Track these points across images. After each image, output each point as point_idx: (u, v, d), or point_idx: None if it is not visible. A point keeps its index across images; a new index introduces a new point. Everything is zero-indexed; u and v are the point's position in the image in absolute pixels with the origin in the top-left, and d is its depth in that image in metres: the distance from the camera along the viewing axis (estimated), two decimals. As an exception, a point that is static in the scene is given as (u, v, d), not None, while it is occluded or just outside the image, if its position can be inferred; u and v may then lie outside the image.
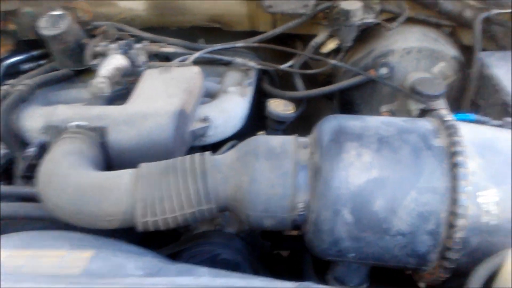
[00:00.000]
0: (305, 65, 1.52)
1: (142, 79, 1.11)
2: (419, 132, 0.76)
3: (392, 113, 1.27)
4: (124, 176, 0.81)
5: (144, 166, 0.82)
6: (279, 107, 1.24)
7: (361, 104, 1.39)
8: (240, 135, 1.16)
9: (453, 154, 0.71)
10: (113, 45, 1.21)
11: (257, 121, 1.31)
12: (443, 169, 0.71)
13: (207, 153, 0.84)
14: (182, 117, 1.00)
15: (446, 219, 0.71)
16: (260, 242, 1.14)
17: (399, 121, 0.80)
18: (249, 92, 1.29)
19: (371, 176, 0.72)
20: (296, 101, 1.50)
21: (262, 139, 0.83)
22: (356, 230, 0.73)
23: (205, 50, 1.29)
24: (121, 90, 1.11)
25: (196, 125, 1.09)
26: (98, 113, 0.97)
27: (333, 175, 0.73)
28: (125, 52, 1.20)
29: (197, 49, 1.32)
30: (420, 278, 0.82)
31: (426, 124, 0.79)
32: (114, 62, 1.12)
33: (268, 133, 1.28)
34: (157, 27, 1.46)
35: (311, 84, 1.47)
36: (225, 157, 0.84)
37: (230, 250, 0.98)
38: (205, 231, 1.03)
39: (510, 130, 0.85)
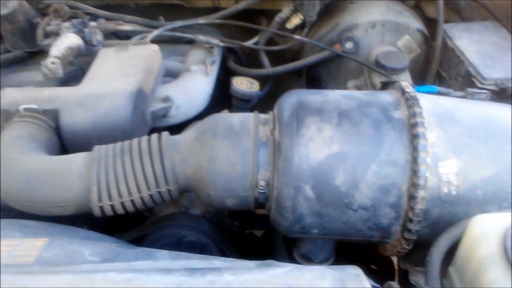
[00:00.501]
0: (271, 42, 1.49)
1: (97, 59, 1.05)
2: (380, 105, 0.75)
3: (359, 88, 1.26)
4: (76, 160, 0.77)
5: (98, 149, 0.78)
6: (243, 84, 1.21)
7: (328, 80, 1.38)
8: (206, 115, 1.13)
9: (413, 125, 0.70)
10: (66, 24, 1.15)
11: (223, 100, 1.28)
12: (403, 141, 0.71)
13: (165, 133, 0.81)
14: (140, 97, 0.96)
15: (407, 191, 0.70)
16: (228, 222, 1.12)
17: (359, 94, 0.79)
18: (213, 70, 1.25)
19: (332, 151, 0.71)
20: (263, 79, 1.48)
21: (221, 117, 0.80)
22: (318, 206, 0.72)
23: (165, 27, 1.24)
24: (75, 71, 1.05)
25: (156, 106, 1.05)
26: (49, 95, 0.92)
27: (293, 151, 0.71)
28: (79, 31, 1.14)
29: (156, 27, 1.26)
30: (385, 250, 0.82)
31: (386, 96, 0.77)
32: (66, 41, 1.06)
33: (234, 112, 1.25)
34: (114, 5, 1.39)
35: (279, 61, 1.44)
36: (183, 137, 0.81)
37: (196, 232, 0.96)
38: (170, 213, 1.01)
39: (471, 101, 0.85)
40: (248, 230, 1.34)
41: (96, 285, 0.57)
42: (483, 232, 0.62)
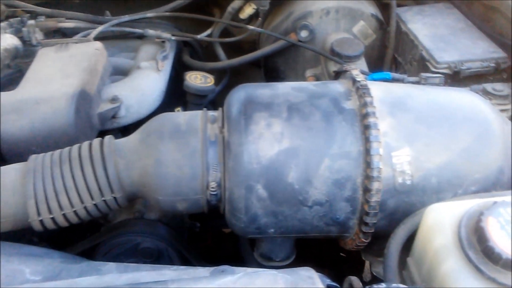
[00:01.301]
0: (227, 33, 1.45)
1: (36, 60, 0.98)
2: (331, 96, 0.72)
3: (317, 77, 1.24)
4: (9, 172, 0.71)
5: (33, 158, 0.72)
6: (197, 79, 1.16)
7: (285, 70, 1.35)
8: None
9: (364, 115, 0.68)
10: (2, 24, 1.07)
11: (179, 97, 1.23)
12: (355, 132, 0.68)
13: (107, 137, 0.76)
14: (83, 99, 0.90)
15: (362, 183, 0.68)
16: (187, 224, 1.08)
17: (310, 85, 0.76)
18: (165, 66, 1.19)
19: (283, 147, 0.68)
20: (221, 72, 1.44)
21: (166, 117, 0.75)
22: (272, 205, 0.69)
23: (110, 23, 1.18)
24: (13, 74, 0.99)
25: (104, 107, 0.99)
26: (-19, 102, 0.85)
27: (243, 150, 0.68)
28: (17, 30, 1.07)
29: (102, 23, 1.20)
30: (345, 244, 0.80)
31: (337, 86, 0.75)
32: (1, 43, 0.99)
33: (189, 109, 1.21)
34: (57, 1, 1.31)
35: (237, 53, 1.40)
36: (127, 140, 0.76)
37: (152, 237, 0.91)
38: (124, 220, 0.96)
39: (423, 86, 0.84)
40: (216, 228, 1.31)
41: (31, 309, 0.53)
42: (437, 222, 0.61)
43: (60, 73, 0.93)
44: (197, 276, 0.60)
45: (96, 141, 0.75)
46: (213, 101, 1.30)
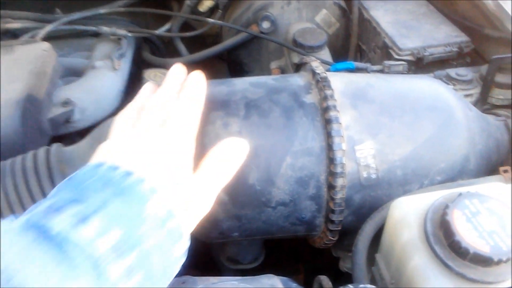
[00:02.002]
0: (188, 27, 1.39)
1: (-23, 65, 0.91)
2: (290, 90, 0.69)
3: (282, 69, 1.21)
4: None
5: (-29, 174, 0.67)
6: (156, 77, 1.11)
7: (250, 63, 1.31)
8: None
9: (325, 109, 0.65)
10: None
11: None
12: (316, 127, 0.65)
13: (55, 145, 0.71)
14: (30, 104, 0.84)
15: (326, 180, 0.65)
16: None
17: (269, 80, 0.72)
18: (122, 64, 1.14)
19: (241, 146, 0.64)
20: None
21: (117, 121, 0.71)
22: (234, 209, 0.66)
23: (60, 21, 1.11)
24: (-47, 81, 0.91)
25: (55, 111, 0.93)
26: None
27: (199, 152, 0.64)
28: (-43, 33, 0.99)
29: (52, 22, 1.13)
30: (314, 242, 0.77)
31: (297, 80, 0.72)
32: None
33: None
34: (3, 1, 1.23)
35: (201, 48, 1.35)
36: (77, 148, 0.71)
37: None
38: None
39: (386, 75, 0.81)
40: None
41: None
42: (403, 217, 0.59)
43: (4, 78, 0.86)
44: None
45: (42, 150, 0.69)
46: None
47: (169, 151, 0.48)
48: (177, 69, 0.62)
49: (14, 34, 1.15)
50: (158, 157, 0.46)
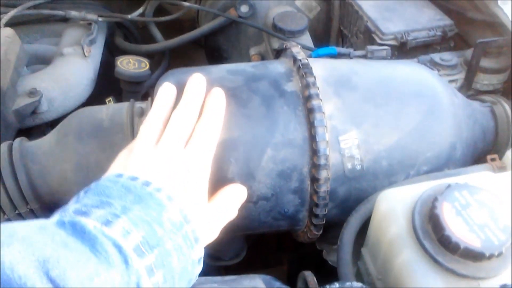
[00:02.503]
0: (163, 12, 1.33)
1: None
2: (270, 78, 0.65)
3: (262, 56, 1.16)
4: None
5: None
6: (129, 65, 1.06)
7: (228, 48, 1.26)
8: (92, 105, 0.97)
9: (307, 98, 0.62)
10: None
11: (114, 85, 1.12)
12: (298, 117, 0.62)
13: (18, 140, 0.66)
14: (-8, 95, 0.78)
15: (309, 173, 0.62)
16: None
17: (248, 67, 0.68)
18: (94, 51, 1.08)
19: (219, 139, 0.60)
20: (159, 55, 1.33)
21: (85, 113, 0.66)
22: (212, 204, 0.62)
23: (24, 5, 1.04)
24: None
25: (20, 102, 0.87)
26: None
27: (174, 145, 0.59)
28: None
29: (16, 6, 1.05)
30: (297, 236, 0.75)
31: (278, 67, 0.68)
32: None
33: (125, 98, 1.10)
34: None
35: (177, 33, 1.29)
36: (41, 142, 0.66)
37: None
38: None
39: (369, 61, 0.78)
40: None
41: None
42: (390, 210, 0.57)
43: (-39, 67, 0.80)
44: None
45: (4, 146, 0.64)
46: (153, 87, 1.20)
47: (188, 171, 0.51)
48: (198, 79, 0.61)
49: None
50: (177, 174, 0.50)
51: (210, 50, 1.30)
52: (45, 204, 0.64)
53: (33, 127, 0.94)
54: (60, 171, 0.62)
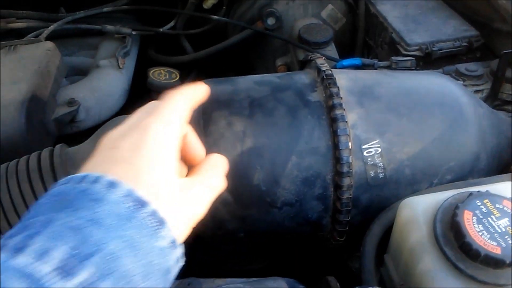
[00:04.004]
0: (192, 25, 1.38)
1: (-19, 65, 0.91)
2: (295, 88, 0.68)
3: (288, 66, 1.19)
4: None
5: (-27, 176, 0.66)
6: (161, 75, 1.11)
7: (254, 60, 1.30)
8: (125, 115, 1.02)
9: (331, 107, 0.64)
10: None
11: (146, 95, 1.17)
12: (322, 126, 0.64)
13: (58, 146, 0.70)
14: (35, 104, 0.84)
15: (332, 180, 0.64)
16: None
17: (274, 78, 0.71)
18: (127, 63, 1.13)
19: (245, 146, 0.63)
20: (189, 66, 1.38)
21: (120, 121, 0.69)
22: (238, 210, 0.65)
23: (64, 20, 1.11)
24: (-42, 82, 0.91)
25: (60, 111, 0.93)
26: None
27: (203, 152, 0.63)
28: (-38, 34, 0.99)
29: (56, 21, 1.12)
30: (320, 243, 0.76)
31: (302, 77, 0.70)
32: None
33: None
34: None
35: (205, 45, 1.34)
36: (80, 148, 0.71)
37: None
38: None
39: (393, 72, 0.80)
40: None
41: None
42: (411, 217, 0.58)
43: (8, 79, 0.86)
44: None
45: (46, 151, 0.69)
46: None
47: (142, 140, 0.40)
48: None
49: (18, 34, 1.15)
50: (123, 152, 0.40)
51: (237, 61, 1.34)
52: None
53: (69, 136, 1.00)
54: (97, 175, 0.66)
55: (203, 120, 0.64)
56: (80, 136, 1.03)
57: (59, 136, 0.95)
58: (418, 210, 0.57)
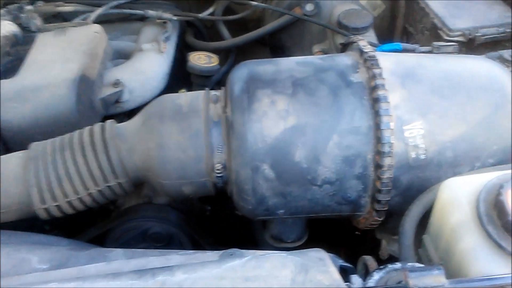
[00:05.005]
0: (230, 11, 1.40)
1: (35, 46, 0.96)
2: (337, 69, 0.69)
3: (325, 53, 1.19)
4: (11, 161, 0.70)
5: (35, 146, 0.71)
6: (200, 60, 1.13)
7: (291, 46, 1.30)
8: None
9: (373, 88, 0.65)
10: (1, 11, 1.05)
11: (184, 79, 1.20)
12: (364, 106, 0.65)
13: (109, 121, 0.74)
14: (84, 84, 0.88)
15: (373, 160, 0.65)
16: (197, 207, 1.07)
17: (315, 59, 0.72)
18: (168, 47, 1.16)
19: (288, 124, 0.65)
20: (226, 52, 1.40)
21: (167, 99, 0.73)
22: (280, 186, 0.67)
23: (109, 5, 1.14)
24: (12, 62, 0.96)
25: (106, 91, 0.97)
26: (-18, 91, 0.84)
27: (247, 129, 0.65)
28: (16, 17, 1.05)
29: (101, 6, 1.16)
30: (358, 223, 0.77)
31: (344, 59, 0.71)
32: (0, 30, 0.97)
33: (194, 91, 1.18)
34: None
35: (241, 31, 1.36)
36: (129, 124, 0.74)
37: (161, 222, 0.90)
38: (133, 205, 0.95)
39: (436, 56, 0.79)
40: (228, 210, 1.29)
41: (35, 300, 0.52)
42: (454, 198, 0.58)
43: (59, 59, 0.91)
44: (205, 261, 0.58)
45: (97, 126, 0.73)
46: (219, 82, 1.27)
47: None
48: None
49: (64, 18, 1.20)
50: None
51: (274, 47, 1.35)
52: (130, 179, 0.72)
53: (112, 116, 1.04)
54: (144, 149, 0.70)
55: (247, 97, 0.66)
56: (122, 117, 1.07)
57: (103, 116, 0.99)
58: (461, 190, 0.58)
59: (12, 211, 0.70)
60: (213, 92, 0.74)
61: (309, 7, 1.16)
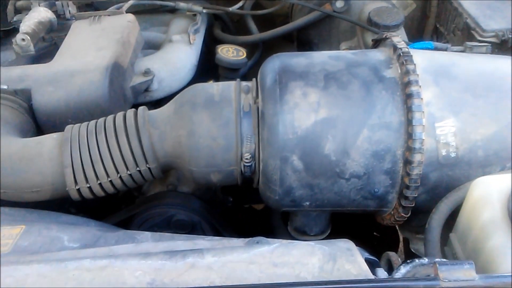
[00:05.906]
0: (258, 6, 1.41)
1: (70, 33, 0.99)
2: (370, 64, 0.69)
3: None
4: (47, 142, 0.72)
5: (69, 128, 0.73)
6: (229, 53, 1.14)
7: (319, 43, 1.30)
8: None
9: (406, 84, 0.65)
10: (37, -2, 1.08)
11: (211, 71, 1.21)
12: (396, 101, 0.65)
13: (141, 108, 0.76)
14: (116, 71, 0.90)
15: (402, 155, 0.65)
16: (220, 198, 1.08)
17: (348, 54, 0.72)
18: (197, 39, 1.18)
19: (319, 117, 0.65)
20: (253, 46, 1.41)
21: (199, 88, 0.74)
22: (307, 177, 0.67)
23: (141, -4, 1.16)
24: (48, 47, 0.99)
25: (136, 80, 0.99)
26: (19, 74, 0.86)
27: (278, 120, 0.66)
28: (51, 4, 1.07)
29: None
30: (382, 219, 0.77)
31: (377, 54, 0.71)
32: (36, 16, 1.00)
33: (221, 83, 1.19)
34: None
35: (269, 26, 1.37)
36: (161, 111, 0.76)
37: (185, 210, 0.92)
38: (158, 192, 0.97)
39: (469, 55, 0.79)
40: (247, 204, 1.30)
41: (69, 274, 0.54)
42: (485, 196, 0.58)
43: (93, 46, 0.93)
44: (233, 246, 0.59)
45: (130, 112, 0.74)
46: (245, 75, 1.28)
47: None
48: None
49: (96, 7, 1.23)
50: None
51: (301, 43, 1.35)
52: (160, 165, 0.73)
53: (141, 105, 1.06)
54: (175, 136, 0.71)
55: (279, 89, 0.67)
56: (149, 106, 1.09)
57: (133, 104, 1.01)
58: (493, 188, 0.57)
59: (44, 190, 0.72)
60: (244, 83, 0.75)
61: (339, 3, 1.16)
